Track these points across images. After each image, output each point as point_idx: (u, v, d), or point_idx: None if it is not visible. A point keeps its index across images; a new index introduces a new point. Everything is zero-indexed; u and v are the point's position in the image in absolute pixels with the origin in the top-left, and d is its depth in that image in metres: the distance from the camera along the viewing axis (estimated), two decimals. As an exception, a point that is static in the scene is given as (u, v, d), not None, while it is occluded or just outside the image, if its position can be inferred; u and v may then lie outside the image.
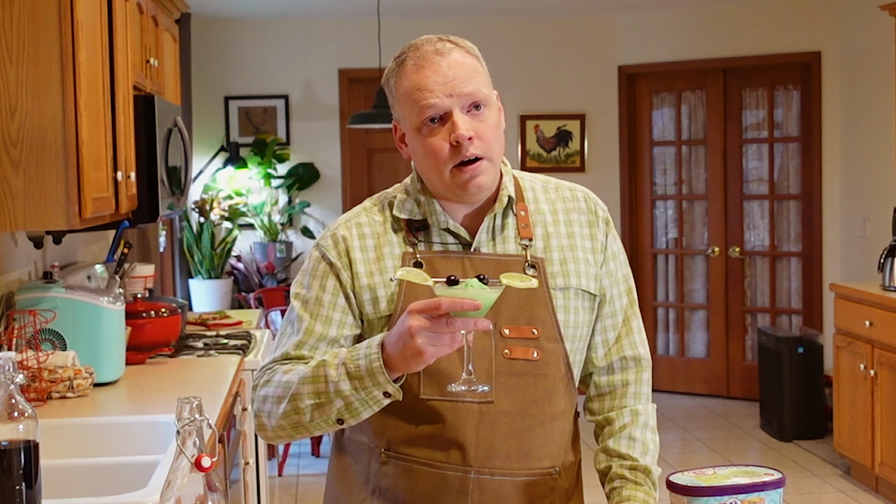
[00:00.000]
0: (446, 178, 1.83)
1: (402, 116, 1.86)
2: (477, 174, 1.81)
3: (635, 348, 1.98)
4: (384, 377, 1.71)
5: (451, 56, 1.82)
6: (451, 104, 1.80)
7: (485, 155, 1.82)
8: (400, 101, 1.86)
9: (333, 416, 1.77)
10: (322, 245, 1.91)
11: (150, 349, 3.69)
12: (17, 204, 2.69)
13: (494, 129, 1.84)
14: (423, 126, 1.82)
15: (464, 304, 1.61)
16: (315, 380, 1.77)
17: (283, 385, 1.81)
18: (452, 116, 1.80)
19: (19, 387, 1.72)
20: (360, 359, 1.73)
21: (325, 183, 7.73)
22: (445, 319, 1.62)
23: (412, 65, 1.82)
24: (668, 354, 7.89)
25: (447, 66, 1.81)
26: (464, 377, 1.70)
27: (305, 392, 1.77)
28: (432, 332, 1.63)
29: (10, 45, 2.65)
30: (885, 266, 5.47)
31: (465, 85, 1.81)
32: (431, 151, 1.82)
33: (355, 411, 1.76)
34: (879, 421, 5.30)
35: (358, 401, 1.74)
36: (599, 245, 1.95)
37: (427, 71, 1.81)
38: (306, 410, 1.78)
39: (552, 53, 7.82)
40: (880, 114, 6.31)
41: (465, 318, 1.62)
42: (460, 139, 1.79)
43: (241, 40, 7.63)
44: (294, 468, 6.09)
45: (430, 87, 1.80)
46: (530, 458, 1.85)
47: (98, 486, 2.39)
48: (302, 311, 1.89)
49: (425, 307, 1.63)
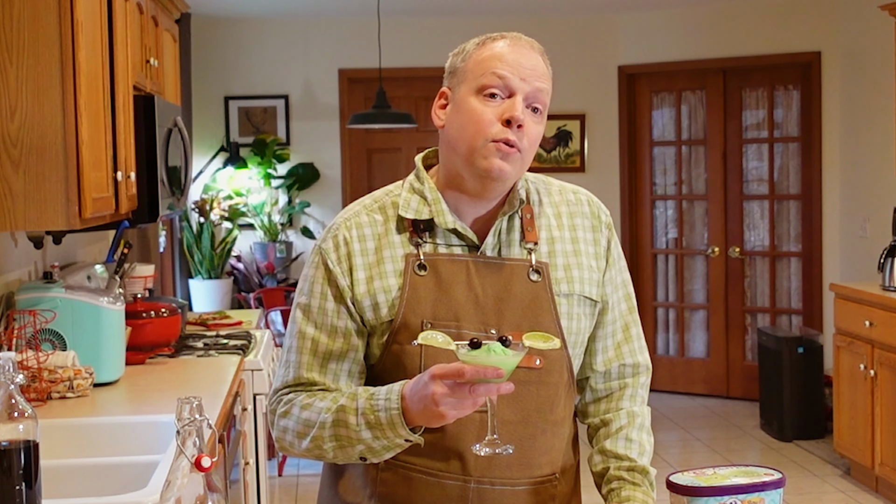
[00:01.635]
0: (477, 148, 1.80)
1: (463, 80, 1.85)
2: (507, 159, 1.80)
3: (635, 356, 1.97)
4: (405, 430, 1.71)
5: (539, 56, 1.87)
6: (520, 88, 1.81)
7: (522, 150, 1.81)
8: (471, 66, 1.85)
9: (356, 455, 1.79)
10: (323, 249, 1.88)
11: (150, 349, 3.68)
12: (17, 204, 2.69)
13: (538, 137, 1.85)
14: (482, 93, 1.82)
15: (487, 372, 1.60)
16: (336, 425, 1.77)
17: (302, 422, 1.82)
18: (515, 98, 1.81)
19: (19, 387, 1.73)
20: (380, 410, 1.73)
21: (325, 183, 7.73)
22: (469, 387, 1.61)
23: (502, 42, 1.85)
24: (667, 354, 7.89)
25: (533, 58, 1.85)
26: (488, 438, 1.68)
27: (326, 436, 1.78)
28: (454, 399, 1.63)
29: (10, 45, 2.65)
30: (885, 266, 5.47)
31: (538, 81, 1.83)
32: (478, 117, 1.81)
33: (378, 453, 1.78)
34: (879, 421, 5.30)
35: (380, 446, 1.76)
36: (602, 250, 1.94)
37: (515, 50, 1.84)
38: (329, 451, 1.80)
39: (552, 53, 7.62)
40: (880, 114, 6.31)
41: (487, 384, 1.61)
42: (515, 120, 1.79)
43: (241, 40, 7.63)
44: (294, 468, 6.09)
45: (510, 62, 1.82)
46: (531, 466, 1.85)
47: (98, 486, 2.39)
48: (305, 323, 1.86)
49: (448, 373, 1.62)
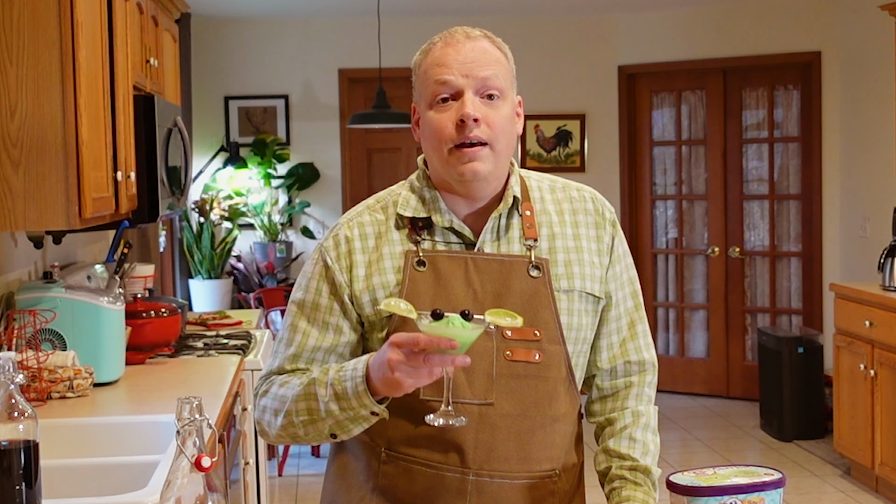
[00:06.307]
0: (445, 158, 1.82)
1: (420, 96, 1.86)
2: (475, 159, 1.80)
3: (640, 353, 1.97)
4: (369, 399, 1.73)
5: (478, 42, 1.84)
6: (465, 84, 1.80)
7: (489, 141, 1.80)
8: (420, 78, 1.86)
9: (326, 431, 1.80)
10: (324, 246, 1.90)
11: (150, 349, 3.68)
12: (17, 204, 2.69)
13: (505, 121, 1.83)
14: (435, 102, 1.82)
15: (440, 342, 1.61)
16: (307, 398, 1.80)
17: (279, 398, 1.85)
18: (463, 97, 1.80)
19: (19, 387, 1.73)
20: (347, 380, 1.75)
21: (325, 183, 7.73)
22: (423, 356, 1.63)
23: (440, 44, 1.84)
24: (668, 354, 7.89)
25: (470, 49, 1.82)
26: (442, 409, 1.70)
27: (298, 409, 1.81)
28: (409, 367, 1.64)
29: (10, 45, 2.65)
30: (885, 266, 5.47)
31: (482, 69, 1.81)
32: (436, 128, 1.82)
33: (346, 428, 1.79)
34: (879, 421, 5.29)
35: (347, 419, 1.77)
36: (605, 247, 1.94)
37: (450, 49, 1.83)
38: (300, 426, 1.82)
39: (552, 53, 7.81)
40: (880, 114, 6.31)
41: (442, 354, 1.63)
42: (465, 117, 1.78)
43: (241, 40, 7.63)
44: (294, 468, 6.09)
45: (448, 63, 1.81)
46: (530, 460, 1.85)
47: (98, 486, 2.39)
48: (298, 316, 1.89)
49: (404, 341, 1.64)
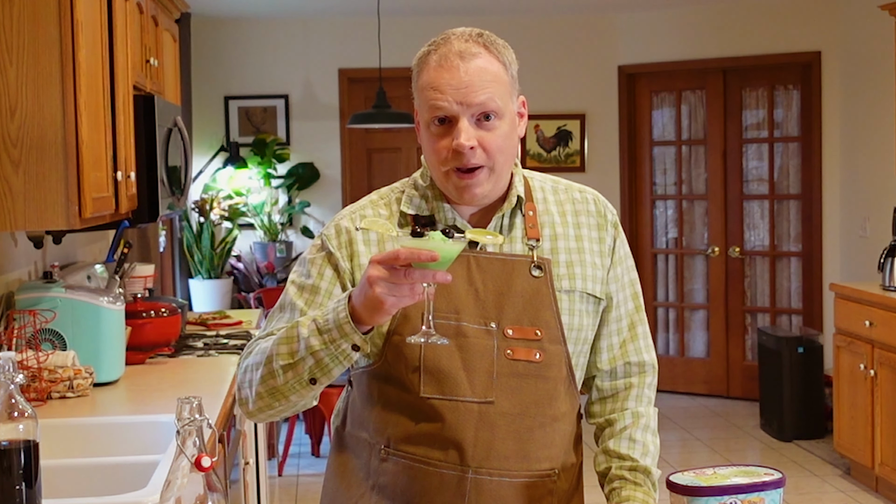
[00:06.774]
0: (443, 176, 1.84)
1: (418, 106, 1.87)
2: (474, 184, 1.82)
3: (640, 354, 1.98)
4: (350, 327, 1.69)
5: (474, 62, 1.80)
6: (460, 111, 1.79)
7: (486, 165, 1.82)
8: (418, 92, 1.86)
9: (306, 375, 1.75)
10: (325, 234, 1.91)
11: (150, 349, 3.68)
12: (17, 204, 2.69)
13: (503, 140, 1.82)
14: (432, 124, 1.82)
15: (421, 254, 1.60)
16: (289, 340, 1.76)
17: (261, 352, 1.81)
18: (459, 125, 1.79)
19: (19, 387, 1.73)
20: (329, 312, 1.72)
21: (324, 183, 7.73)
22: (404, 270, 1.61)
23: (435, 61, 1.81)
24: (668, 354, 7.89)
25: (464, 73, 1.79)
26: (423, 329, 1.68)
27: (280, 352, 1.76)
28: (391, 283, 1.62)
29: (10, 45, 2.65)
30: (885, 266, 5.47)
31: (477, 94, 1.79)
32: (434, 148, 1.83)
33: (326, 368, 1.73)
34: (879, 421, 5.30)
35: (328, 356, 1.72)
36: (607, 248, 1.95)
37: (444, 72, 1.80)
38: (280, 372, 1.76)
39: (552, 53, 7.81)
40: (880, 114, 6.31)
41: (423, 269, 1.61)
42: (460, 148, 1.78)
43: (241, 40, 7.63)
44: (294, 468, 6.09)
45: (442, 88, 1.79)
46: (529, 459, 1.85)
47: (98, 486, 2.39)
48: (297, 297, 1.88)
49: (385, 258, 1.62)
